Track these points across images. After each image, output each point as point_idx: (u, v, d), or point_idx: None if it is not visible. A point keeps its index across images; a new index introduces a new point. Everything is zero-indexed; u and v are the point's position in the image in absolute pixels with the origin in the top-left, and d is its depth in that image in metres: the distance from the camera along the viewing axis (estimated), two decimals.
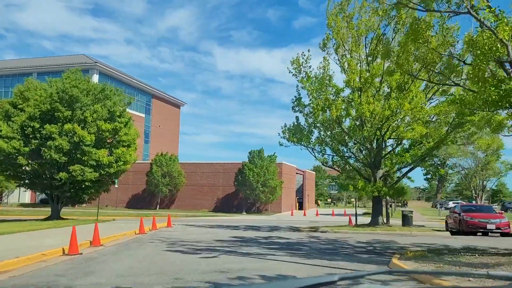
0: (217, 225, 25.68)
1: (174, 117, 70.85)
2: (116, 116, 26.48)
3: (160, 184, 44.96)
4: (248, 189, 42.20)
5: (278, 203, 45.00)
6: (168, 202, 48.36)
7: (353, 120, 19.20)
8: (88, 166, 25.94)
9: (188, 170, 47.87)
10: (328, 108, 18.85)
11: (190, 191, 47.67)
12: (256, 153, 42.98)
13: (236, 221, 31.47)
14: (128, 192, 49.63)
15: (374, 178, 20.28)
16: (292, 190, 50.50)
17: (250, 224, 27.69)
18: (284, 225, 28.00)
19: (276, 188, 42.34)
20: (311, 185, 63.29)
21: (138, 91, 61.41)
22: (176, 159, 46.75)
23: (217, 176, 47.18)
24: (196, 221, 31.59)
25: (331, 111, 18.33)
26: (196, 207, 47.03)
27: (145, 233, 18.07)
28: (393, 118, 17.66)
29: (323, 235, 18.31)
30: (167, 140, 67.23)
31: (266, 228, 24.59)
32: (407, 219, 22.08)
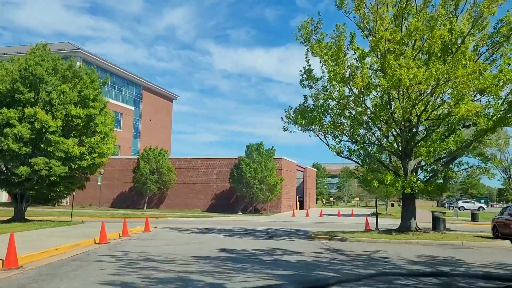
0: (207, 229, 21.66)
1: (166, 110, 66.71)
2: (89, 100, 22.35)
3: (148, 182, 40.85)
4: (245, 186, 38.18)
5: (278, 202, 41.01)
6: (158, 201, 44.28)
7: (383, 92, 14.91)
8: (55, 159, 21.87)
9: (179, 166, 43.79)
10: (349, 79, 14.83)
11: (181, 189, 43.61)
12: (255, 147, 38.95)
13: (231, 223, 27.47)
14: (114, 190, 45.52)
15: (405, 170, 16.14)
16: (293, 188, 46.53)
17: (246, 227, 23.67)
18: (287, 228, 23.97)
19: (276, 186, 38.34)
20: (312, 183, 59.33)
21: (126, 82, 57.24)
22: (166, 154, 42.66)
23: (210, 173, 43.14)
24: (185, 222, 27.55)
25: (354, 81, 14.23)
26: (187, 207, 42.99)
27: (108, 243, 13.95)
28: (438, 89, 13.59)
29: (346, 247, 14.05)
30: (158, 135, 63.11)
31: (266, 232, 20.59)
32: (439, 222, 17.95)
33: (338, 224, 28.01)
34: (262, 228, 23.63)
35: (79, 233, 15.93)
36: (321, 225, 26.56)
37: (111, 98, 53.57)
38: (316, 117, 16.07)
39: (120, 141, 55.45)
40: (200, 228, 22.33)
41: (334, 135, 16.99)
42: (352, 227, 24.51)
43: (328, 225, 27.04)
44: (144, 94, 61.05)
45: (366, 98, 15.63)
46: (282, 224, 27.95)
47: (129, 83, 57.99)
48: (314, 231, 21.18)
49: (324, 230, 21.80)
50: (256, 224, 27.32)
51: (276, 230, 22.43)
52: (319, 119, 16.16)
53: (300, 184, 51.90)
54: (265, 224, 27.59)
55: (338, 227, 24.51)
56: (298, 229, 23.25)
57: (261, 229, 22.86)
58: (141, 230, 18.34)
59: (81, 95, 22.15)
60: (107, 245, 13.59)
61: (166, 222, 28.14)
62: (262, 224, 27.46)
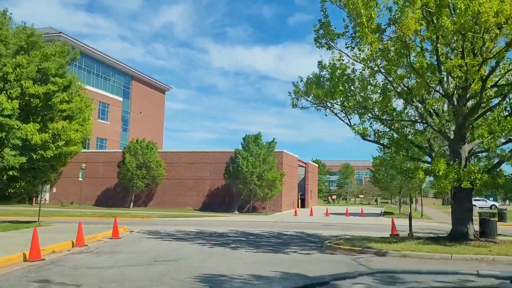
0: (194, 233, 17.79)
1: (157, 103, 62.68)
2: (50, 75, 18.36)
3: (134, 177, 36.89)
4: (242, 182, 34.30)
5: (278, 200, 37.17)
6: (146, 198, 40.32)
7: (441, 42, 10.75)
8: (10, 148, 17.95)
9: (169, 161, 39.84)
10: (393, 22, 10.86)
11: (171, 186, 39.68)
12: (252, 139, 35.05)
13: (225, 224, 23.62)
14: (98, 187, 41.54)
15: (458, 157, 12.10)
16: (294, 185, 42.68)
17: (243, 230, 19.81)
18: (292, 231, 20.11)
19: (275, 182, 34.47)
20: (314, 180, 55.44)
21: (114, 71, 53.16)
22: (154, 147, 38.68)
23: (204, 168, 39.23)
24: (172, 223, 23.69)
25: (402, 24, 10.11)
26: (178, 205, 39.09)
27: (41, 260, 9.88)
28: None
29: (393, 266, 10.01)
30: (149, 128, 59.12)
31: (269, 239, 16.73)
32: (491, 226, 13.83)
33: (350, 226, 24.20)
34: (262, 231, 19.78)
35: (18, 242, 11.97)
36: (331, 228, 22.74)
37: (97, 88, 49.61)
38: (338, 86, 12.05)
39: (107, 134, 51.49)
40: (187, 231, 18.44)
41: (359, 112, 13.04)
42: (371, 229, 20.72)
43: (340, 227, 23.24)
44: (134, 84, 57.01)
45: (410, 54, 11.37)
46: (285, 225, 24.11)
47: (118, 72, 53.94)
48: (327, 235, 17.36)
49: (340, 234, 17.97)
50: (255, 225, 23.48)
51: (279, 234, 18.58)
52: (341, 89, 12.14)
53: (301, 180, 48.05)
54: (265, 225, 23.74)
55: (353, 230, 20.71)
56: (306, 232, 19.41)
57: (261, 232, 18.99)
58: (108, 236, 14.43)
59: (41, 69, 18.15)
60: (37, 264, 9.45)
61: (150, 223, 24.27)
62: (261, 225, 23.62)
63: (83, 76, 47.61)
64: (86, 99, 21.91)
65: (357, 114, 13.23)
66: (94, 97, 51.38)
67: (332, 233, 18.84)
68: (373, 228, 22.24)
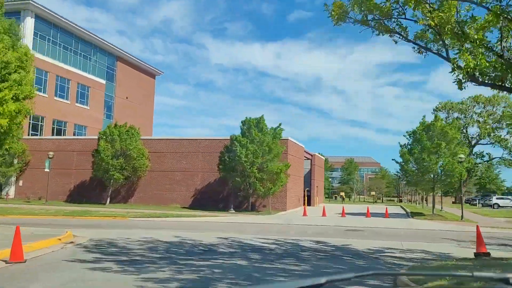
0: (167, 246, 11.86)
1: (147, 88, 56.56)
2: None
3: (110, 168, 30.88)
4: (239, 175, 28.39)
5: (282, 197, 31.28)
6: (125, 194, 34.34)
7: None
8: None
9: (154, 149, 33.88)
10: None
11: (156, 179, 33.74)
12: (253, 122, 29.11)
13: (217, 228, 17.76)
14: (71, 180, 35.54)
15: None
16: (300, 179, 36.78)
17: (241, 240, 13.91)
18: (310, 240, 14.16)
19: (280, 175, 28.56)
20: (321, 174, 49.47)
21: (96, 49, 47.01)
22: (136, 133, 32.67)
23: (195, 158, 33.28)
24: (146, 227, 17.85)
25: None
26: (164, 201, 33.18)
27: None
28: None
29: None
30: (137, 116, 53.05)
31: (283, 257, 10.83)
32: None
33: (384, 232, 18.32)
34: (267, 240, 13.87)
35: None
36: (361, 235, 16.88)
37: (75, 67, 43.48)
38: None
39: (87, 121, 45.43)
40: (157, 243, 12.49)
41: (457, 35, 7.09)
42: (422, 239, 14.85)
43: (371, 233, 17.39)
44: (119, 66, 50.87)
45: None
46: (295, 230, 18.24)
47: (100, 52, 47.78)
48: (369, 250, 11.49)
49: (384, 248, 12.14)
50: (256, 229, 17.61)
51: (294, 246, 12.69)
52: None
53: (305, 174, 42.08)
54: (270, 230, 17.88)
55: (394, 238, 14.83)
56: (331, 243, 13.49)
57: (268, 244, 13.07)
58: (4, 258, 8.43)
59: None
60: None
61: (119, 225, 18.38)
62: (264, 229, 17.75)
63: (58, 52, 41.52)
64: (24, 51, 15.83)
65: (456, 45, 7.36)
66: (71, 78, 45.52)
67: (370, 245, 12.98)
68: (421, 236, 16.38)
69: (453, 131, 24.75)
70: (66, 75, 42.21)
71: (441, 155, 24.26)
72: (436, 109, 76.02)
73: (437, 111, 76.38)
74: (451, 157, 24.08)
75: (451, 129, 24.68)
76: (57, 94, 41.34)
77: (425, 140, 24.72)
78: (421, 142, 24.86)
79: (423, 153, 24.17)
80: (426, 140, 24.71)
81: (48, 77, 40.20)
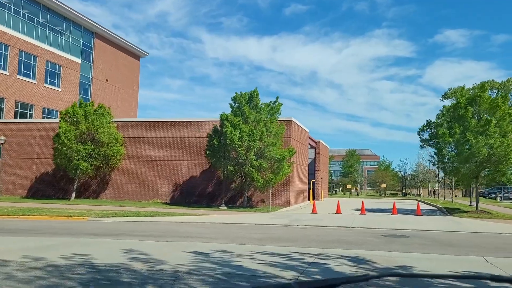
0: (110, 270, 6.28)
1: (130, 70, 50.69)
2: None
3: (75, 156, 25.24)
4: (232, 163, 22.87)
5: (284, 190, 25.79)
6: (97, 188, 28.71)
7: None
8: None
9: (130, 134, 28.27)
10: None
11: (133, 169, 28.17)
12: (245, 98, 23.54)
13: (200, 234, 12.30)
14: (32, 171, 29.85)
15: None
16: (304, 169, 31.26)
17: (234, 259, 8.40)
18: (342, 254, 8.65)
19: (283, 163, 23.03)
20: (325, 164, 43.91)
21: (69, 24, 41.10)
22: (107, 114, 27.04)
23: (179, 144, 27.71)
24: (103, 231, 12.45)
25: None
26: (143, 196, 27.65)
27: None
28: None
29: None
30: (118, 101, 47.44)
31: None
32: None
33: (431, 235, 12.87)
34: (278, 260, 8.37)
35: None
36: (408, 242, 11.41)
37: (43, 42, 37.61)
38: None
39: (59, 104, 39.55)
40: (87, 267, 6.93)
41: None
42: (506, 249, 9.27)
43: (421, 240, 11.93)
44: (97, 44, 44.98)
45: None
46: (311, 236, 12.78)
47: (75, 27, 41.88)
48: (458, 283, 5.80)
49: (474, 270, 6.62)
50: (257, 235, 12.16)
51: (327, 270, 7.18)
52: None
53: (309, 164, 36.57)
54: (275, 235, 12.43)
55: (456, 248, 9.37)
56: (380, 265, 7.97)
57: (282, 269, 7.54)
58: None
59: None
60: None
61: (68, 229, 12.91)
62: (268, 235, 12.30)
63: (21, 24, 35.66)
64: None
65: None
66: (38, 54, 39.73)
67: (445, 265, 7.55)
68: (498, 246, 10.95)
69: (506, 106, 19.43)
70: (32, 50, 36.37)
71: (490, 136, 18.86)
72: (445, 96, 70.70)
73: (445, 98, 71.08)
74: (502, 138, 18.75)
75: (503, 102, 19.35)
76: (21, 73, 35.53)
77: (469, 117, 19.35)
78: (464, 119, 19.49)
79: (468, 134, 18.77)
80: (471, 117, 19.34)
81: (9, 51, 34.37)
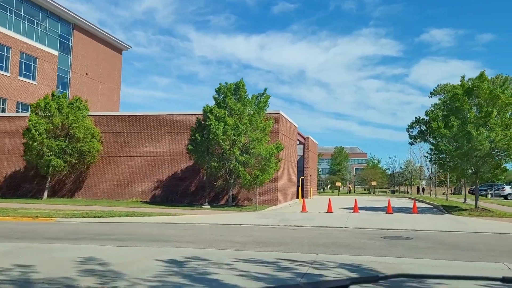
0: None
1: (112, 64, 48.72)
2: None
3: (47, 151, 23.45)
4: (216, 159, 21.33)
5: (272, 188, 24.33)
6: (72, 186, 26.93)
7: None
8: None
9: (107, 129, 26.54)
10: None
11: (111, 167, 26.45)
12: (230, 89, 22.01)
13: (176, 237, 10.78)
14: (2, 169, 27.93)
15: None
16: (293, 166, 29.84)
17: (209, 270, 6.84)
18: (341, 263, 7.19)
19: (271, 159, 21.54)
20: (314, 161, 42.57)
21: (45, 13, 39.06)
22: (83, 108, 25.27)
23: (160, 139, 26.07)
24: (66, 235, 10.87)
25: None
26: (122, 195, 25.97)
27: None
28: None
29: None
30: (100, 96, 45.53)
31: None
32: None
33: (435, 237, 11.51)
34: (262, 269, 6.89)
35: None
36: (412, 246, 10.03)
37: (17, 33, 35.56)
38: None
39: (35, 99, 37.59)
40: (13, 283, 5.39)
41: None
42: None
43: (426, 242, 10.56)
44: (76, 36, 42.96)
45: None
46: (303, 239, 11.32)
47: (52, 17, 39.85)
48: None
49: None
50: (241, 238, 10.69)
51: None
52: None
53: (298, 160, 35.18)
54: (262, 238, 10.97)
55: (465, 250, 7.95)
56: (380, 273, 6.53)
57: (271, 285, 6.05)
58: None
59: None
60: None
61: (25, 232, 11.27)
62: (254, 238, 10.81)
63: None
64: None
65: None
66: (12, 45, 37.65)
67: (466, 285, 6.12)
68: None
69: (507, 95, 18.24)
70: (4, 41, 34.32)
71: (491, 128, 17.64)
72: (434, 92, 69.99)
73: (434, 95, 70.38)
74: (505, 131, 17.55)
75: (503, 92, 18.16)
76: None
77: (468, 108, 18.11)
78: (462, 110, 18.25)
79: (470, 126, 17.52)
80: (470, 107, 18.11)
81: None
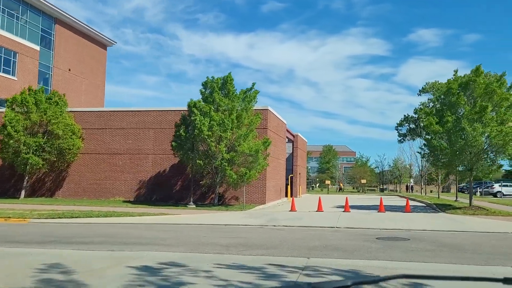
0: None
1: (96, 60, 47.41)
2: None
3: (24, 149, 22.32)
4: (201, 156, 20.42)
5: (260, 186, 23.50)
6: (52, 185, 25.81)
7: None
8: None
9: (89, 125, 25.46)
10: None
11: (92, 165, 25.38)
12: (218, 83, 21.09)
13: (155, 240, 9.90)
14: None
15: None
16: (281, 164, 29.06)
17: (184, 280, 5.95)
18: (338, 273, 6.39)
19: (258, 156, 20.69)
20: (303, 159, 41.87)
21: (25, 6, 37.71)
22: (62, 103, 24.16)
23: (143, 136, 25.07)
24: (36, 238, 9.82)
25: None
26: (104, 194, 24.92)
27: None
28: None
29: None
30: (83, 93, 44.22)
31: None
32: None
33: (433, 237, 10.77)
34: (246, 277, 6.03)
35: None
36: (411, 248, 9.27)
37: None
38: None
39: (12, 93, 36.24)
40: None
41: None
42: None
43: (424, 244, 9.83)
44: (58, 30, 41.62)
45: None
46: (293, 241, 10.52)
47: (32, 10, 38.50)
48: None
49: None
50: (226, 240, 9.85)
51: None
52: None
53: (287, 158, 34.40)
54: (248, 240, 10.11)
55: (470, 253, 7.19)
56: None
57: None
58: None
59: None
60: None
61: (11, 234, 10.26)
62: (239, 241, 9.97)
63: None
64: None
65: None
66: None
67: None
68: None
69: (502, 90, 17.65)
70: None
71: (486, 123, 17.03)
72: (423, 90, 69.83)
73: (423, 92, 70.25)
74: (499, 126, 16.96)
75: (499, 87, 17.57)
76: None
77: (463, 103, 17.49)
78: (457, 105, 17.64)
79: (464, 121, 16.88)
80: (464, 103, 17.49)
81: None
